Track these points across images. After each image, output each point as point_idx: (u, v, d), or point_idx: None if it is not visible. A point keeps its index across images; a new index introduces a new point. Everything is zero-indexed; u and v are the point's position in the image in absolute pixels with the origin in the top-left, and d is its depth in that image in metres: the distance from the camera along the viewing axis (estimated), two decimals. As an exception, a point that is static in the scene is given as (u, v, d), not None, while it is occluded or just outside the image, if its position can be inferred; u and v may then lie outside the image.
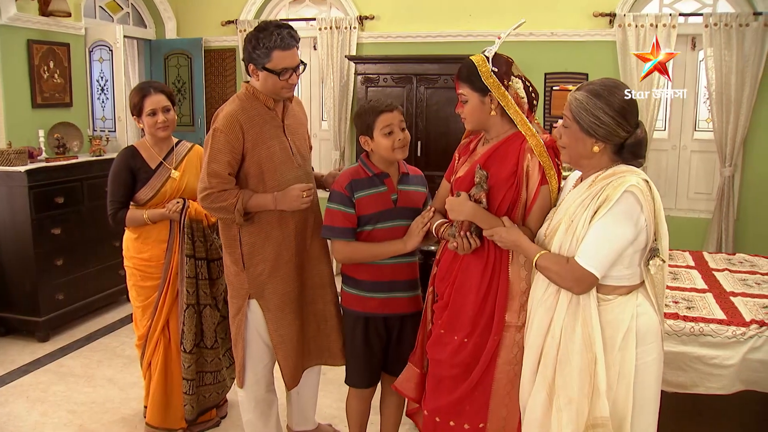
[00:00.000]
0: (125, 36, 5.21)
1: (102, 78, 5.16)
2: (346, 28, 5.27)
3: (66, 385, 3.47)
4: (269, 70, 2.27)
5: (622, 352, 1.75)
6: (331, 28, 5.29)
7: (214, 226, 2.79)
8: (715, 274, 3.18)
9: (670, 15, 4.60)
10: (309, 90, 5.85)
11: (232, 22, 5.65)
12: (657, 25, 4.62)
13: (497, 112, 1.99)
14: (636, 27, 4.67)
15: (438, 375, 2.10)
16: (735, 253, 3.70)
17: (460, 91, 2.03)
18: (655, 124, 4.80)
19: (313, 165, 2.67)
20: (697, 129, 5.03)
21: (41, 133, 4.41)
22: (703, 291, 2.90)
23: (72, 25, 4.80)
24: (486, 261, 1.98)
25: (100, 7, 5.36)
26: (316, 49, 5.51)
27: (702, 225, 4.89)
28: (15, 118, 4.38)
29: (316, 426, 2.88)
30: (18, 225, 3.97)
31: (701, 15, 4.63)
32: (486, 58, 1.97)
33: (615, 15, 4.75)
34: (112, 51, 5.05)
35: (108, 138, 4.95)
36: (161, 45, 5.76)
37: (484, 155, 2.01)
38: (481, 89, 1.97)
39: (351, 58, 5.22)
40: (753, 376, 2.47)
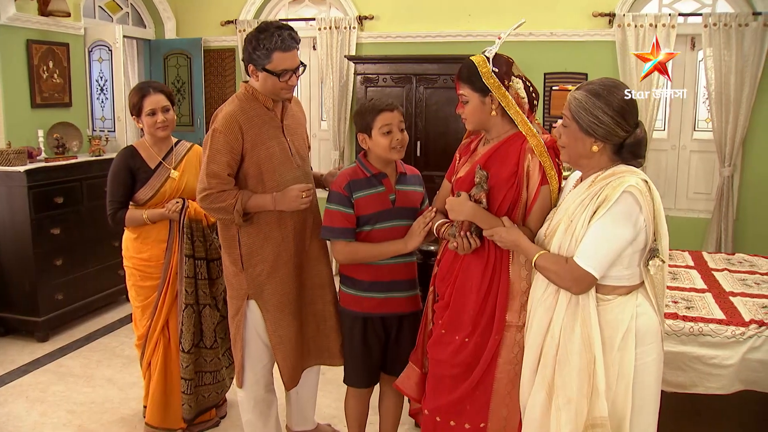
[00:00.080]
0: (125, 36, 5.20)
1: (101, 78, 5.15)
2: (346, 28, 5.27)
3: (65, 385, 3.47)
4: (269, 71, 2.27)
5: (622, 352, 1.75)
6: (330, 28, 5.29)
7: (214, 226, 2.79)
8: (714, 274, 3.18)
9: (670, 15, 4.60)
10: (308, 90, 5.85)
11: (232, 22, 5.64)
12: (656, 25, 4.62)
13: (498, 113, 1.99)
14: (635, 27, 4.67)
15: (438, 374, 2.10)
16: (734, 253, 3.70)
17: (460, 91, 2.03)
18: (655, 124, 4.80)
19: (312, 165, 2.66)
20: (696, 129, 5.03)
21: (40, 133, 4.40)
22: (702, 291, 2.90)
23: (71, 25, 4.80)
24: (486, 261, 1.98)
25: (100, 7, 5.35)
26: (315, 49, 5.51)
27: (701, 225, 4.89)
28: (14, 118, 4.38)
29: (316, 426, 2.88)
30: (17, 225, 3.97)
31: (700, 15, 4.63)
32: (486, 58, 1.97)
33: (614, 15, 4.75)
34: (111, 51, 5.04)
35: (107, 138, 4.95)
36: (161, 45, 5.76)
37: (484, 155, 2.01)
38: (481, 89, 1.97)
39: (350, 58, 5.22)
40: (752, 375, 2.47)
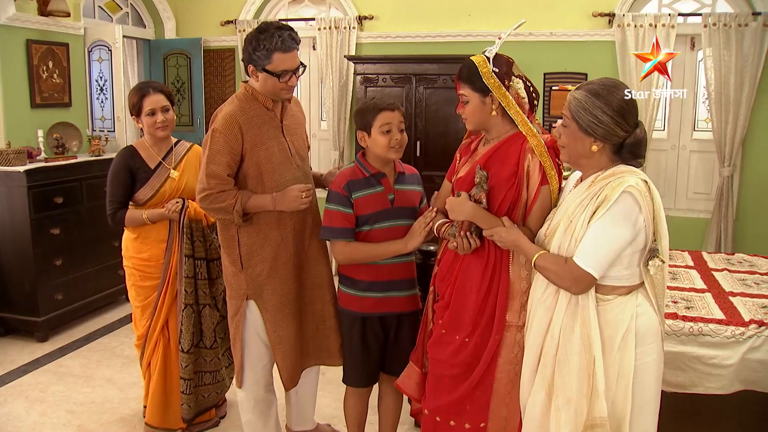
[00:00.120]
0: (124, 36, 5.20)
1: (101, 78, 5.15)
2: (346, 28, 5.27)
3: (65, 385, 3.47)
4: (269, 72, 2.27)
5: (622, 352, 1.75)
6: (330, 28, 5.29)
7: (214, 226, 2.79)
8: (714, 274, 3.18)
9: (669, 15, 4.60)
10: (308, 90, 5.85)
11: (232, 22, 5.64)
12: (656, 25, 4.62)
13: (498, 113, 1.99)
14: (635, 27, 4.67)
15: (439, 374, 2.10)
16: (734, 253, 3.70)
17: (461, 91, 2.03)
18: (655, 124, 4.80)
19: (311, 165, 2.66)
20: (696, 129, 5.03)
21: (40, 133, 4.40)
22: (702, 291, 2.90)
23: (71, 25, 4.79)
24: (487, 261, 1.98)
25: (99, 7, 5.35)
26: (315, 49, 5.51)
27: (701, 225, 4.90)
28: (14, 118, 4.38)
29: (315, 426, 2.88)
30: (17, 225, 3.96)
31: (700, 15, 4.63)
32: (487, 58, 1.97)
33: (614, 15, 4.75)
34: (111, 51, 5.04)
35: (107, 138, 4.95)
36: (160, 45, 5.76)
37: (484, 155, 2.01)
38: (482, 90, 1.97)
39: (350, 58, 5.22)
40: (752, 375, 2.47)
